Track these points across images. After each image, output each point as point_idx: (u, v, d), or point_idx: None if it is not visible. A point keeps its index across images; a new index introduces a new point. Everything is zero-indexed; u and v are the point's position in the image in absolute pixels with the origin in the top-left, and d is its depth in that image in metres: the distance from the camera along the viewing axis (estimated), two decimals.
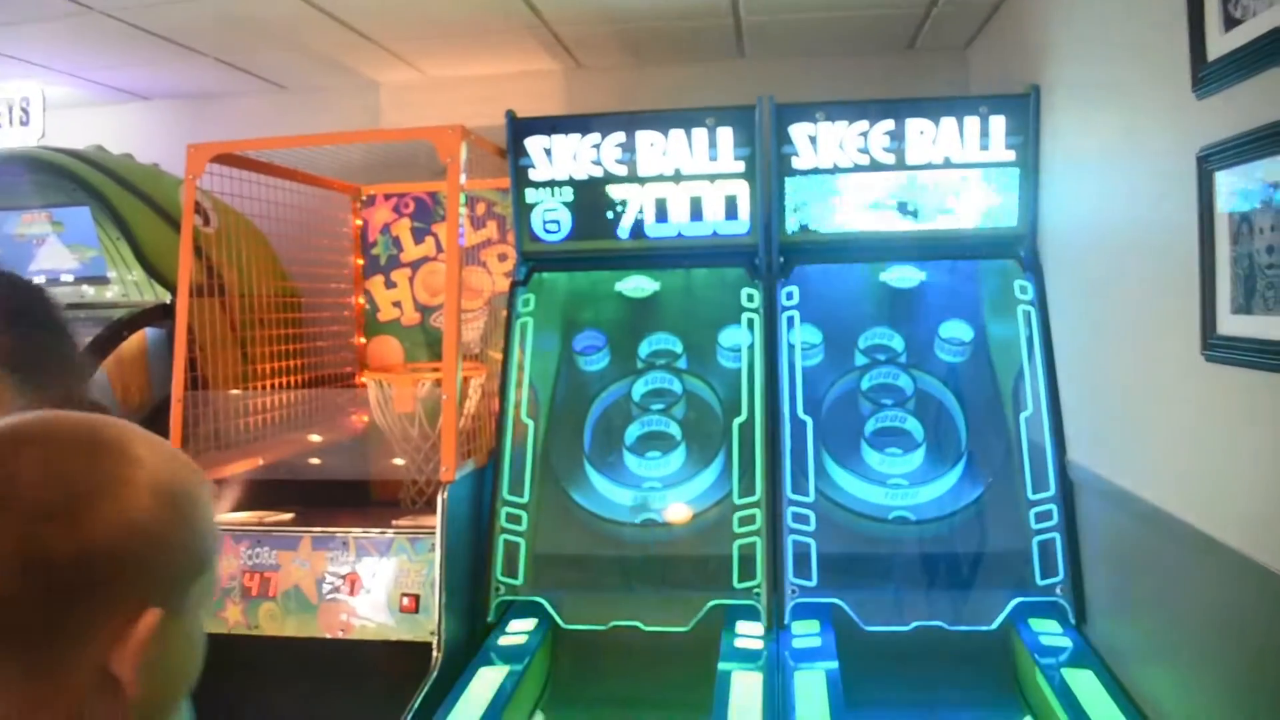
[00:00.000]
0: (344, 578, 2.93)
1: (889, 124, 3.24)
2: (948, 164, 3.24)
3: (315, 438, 3.77)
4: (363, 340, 4.25)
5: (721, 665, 2.64)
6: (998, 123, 3.20)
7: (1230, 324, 1.89)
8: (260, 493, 3.40)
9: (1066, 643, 2.72)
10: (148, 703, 0.85)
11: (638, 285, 3.48)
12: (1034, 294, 3.17)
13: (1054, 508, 2.94)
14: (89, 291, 3.88)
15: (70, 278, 3.89)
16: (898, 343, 3.30)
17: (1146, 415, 2.35)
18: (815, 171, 3.29)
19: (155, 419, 3.46)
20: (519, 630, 2.93)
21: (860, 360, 3.29)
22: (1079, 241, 2.89)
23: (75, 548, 0.79)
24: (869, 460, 3.12)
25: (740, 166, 3.33)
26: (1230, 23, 1.83)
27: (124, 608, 0.82)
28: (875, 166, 3.27)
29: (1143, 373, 2.37)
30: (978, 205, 3.26)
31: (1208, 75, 1.92)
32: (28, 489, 0.79)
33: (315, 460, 3.70)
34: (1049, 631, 2.79)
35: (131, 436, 0.88)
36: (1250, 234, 1.80)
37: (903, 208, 3.28)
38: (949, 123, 3.22)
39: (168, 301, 3.68)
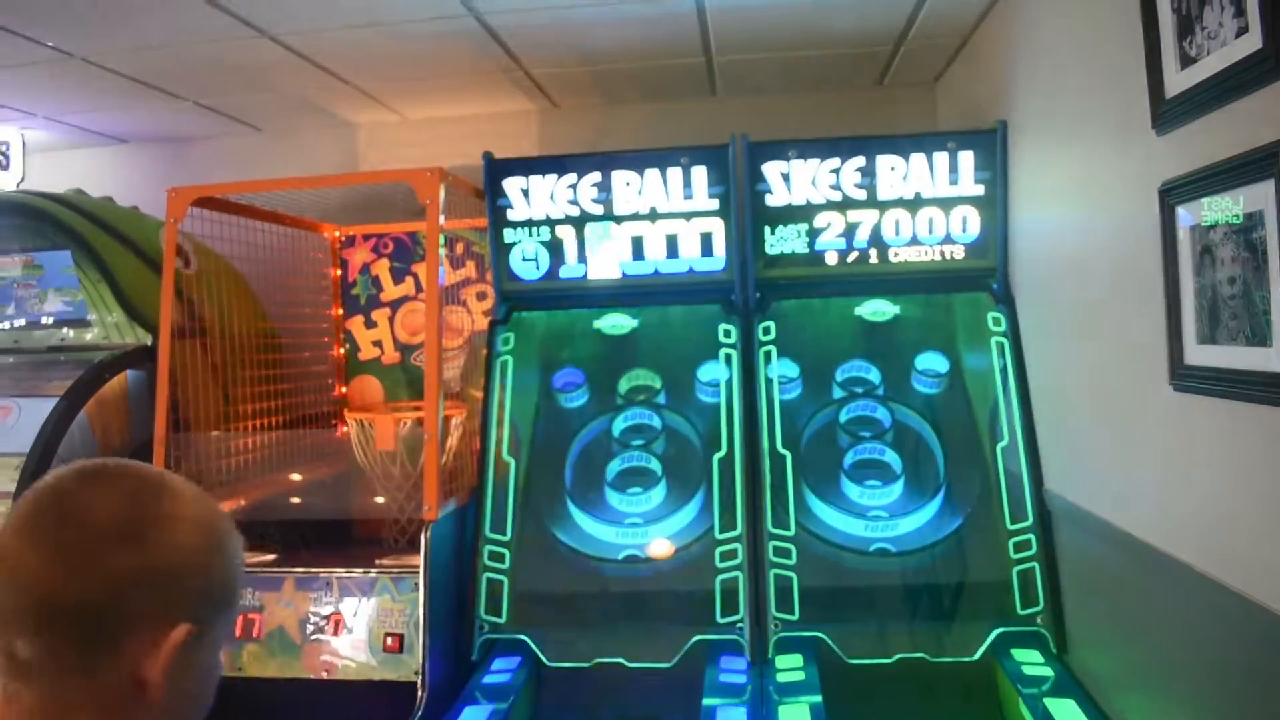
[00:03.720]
0: (327, 618, 2.92)
1: (860, 160, 3.30)
2: (918, 199, 3.30)
3: (297, 477, 3.76)
4: (343, 389, 4.26)
5: (706, 700, 2.65)
6: (966, 158, 3.26)
7: (1197, 354, 1.93)
8: (242, 533, 3.37)
9: (1049, 672, 2.74)
10: (168, 714, 0.98)
11: (616, 323, 3.51)
12: (1007, 326, 3.21)
13: (1032, 537, 2.97)
14: (69, 334, 3.88)
15: (50, 320, 3.89)
16: (874, 375, 3.34)
17: (1119, 444, 2.39)
18: (789, 208, 3.34)
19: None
20: (503, 669, 2.93)
21: (838, 393, 3.32)
22: (1049, 274, 2.94)
23: (138, 565, 0.93)
24: (849, 493, 3.15)
25: (715, 204, 3.38)
26: (1186, 61, 1.89)
27: (161, 622, 0.95)
28: (847, 203, 3.32)
29: (1114, 402, 2.41)
30: (949, 240, 3.32)
31: (1167, 112, 1.98)
32: (103, 515, 0.94)
33: (297, 500, 3.69)
34: (1031, 661, 2.80)
35: (175, 480, 1.03)
36: (1212, 265, 1.85)
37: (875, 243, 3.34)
38: (919, 159, 3.28)
39: (149, 343, 3.68)
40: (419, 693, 2.78)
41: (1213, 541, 1.91)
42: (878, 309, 3.40)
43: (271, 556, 3.20)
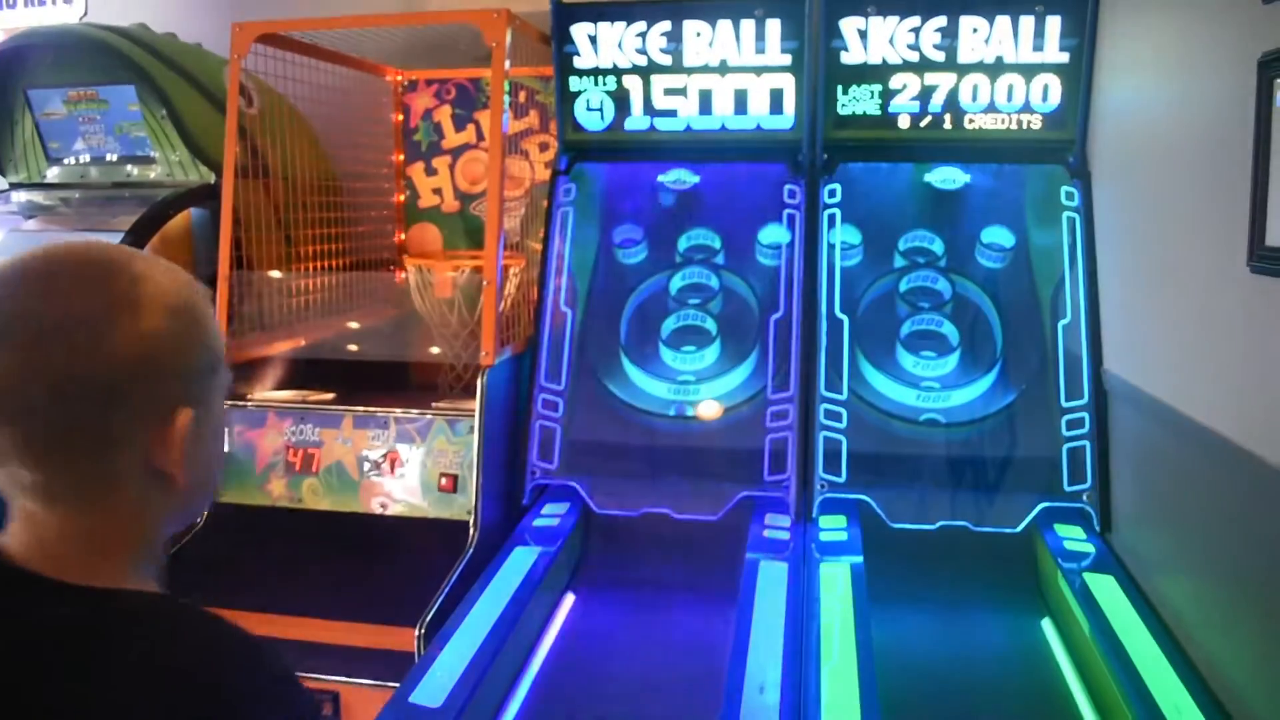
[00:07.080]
0: (385, 456, 3.01)
1: (941, 20, 3.17)
2: (999, 64, 3.17)
3: (355, 322, 3.82)
4: (402, 235, 4.27)
5: (749, 554, 2.70)
6: (1054, 23, 3.11)
7: None
8: (302, 372, 3.48)
9: (1090, 548, 2.75)
10: (193, 489, 0.98)
11: (679, 178, 3.46)
12: (1080, 200, 3.12)
13: (1086, 415, 2.95)
14: (133, 171, 3.91)
15: (114, 157, 3.93)
16: (938, 246, 3.28)
17: (1188, 326, 2.34)
18: (864, 67, 3.24)
19: None
20: (552, 514, 3.01)
21: (899, 262, 3.28)
22: (1129, 148, 2.84)
23: (101, 366, 0.87)
24: (903, 362, 3.13)
25: (787, 60, 3.28)
26: None
27: (158, 412, 0.91)
28: (925, 64, 3.20)
29: (1186, 283, 2.35)
30: (1027, 108, 3.20)
31: None
32: (48, 319, 0.86)
33: (355, 344, 3.76)
34: (1073, 537, 2.82)
35: (131, 256, 0.94)
36: None
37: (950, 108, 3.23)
38: (1003, 21, 3.14)
39: (212, 182, 3.70)
40: (471, 531, 2.87)
41: None
42: (947, 177, 3.32)
43: (331, 395, 3.28)
